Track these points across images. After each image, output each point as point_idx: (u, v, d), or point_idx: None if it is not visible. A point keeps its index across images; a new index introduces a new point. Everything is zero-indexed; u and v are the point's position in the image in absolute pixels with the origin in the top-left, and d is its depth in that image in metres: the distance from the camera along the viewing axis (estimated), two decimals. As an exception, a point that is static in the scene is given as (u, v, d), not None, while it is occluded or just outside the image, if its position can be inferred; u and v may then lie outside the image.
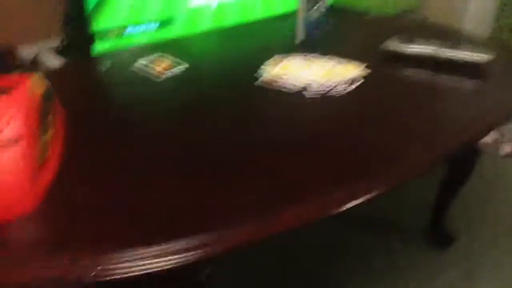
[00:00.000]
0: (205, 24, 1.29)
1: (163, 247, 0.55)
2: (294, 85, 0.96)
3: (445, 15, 1.98)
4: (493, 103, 0.97)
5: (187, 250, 0.55)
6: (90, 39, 1.11)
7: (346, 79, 0.98)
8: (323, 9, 1.14)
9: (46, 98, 0.70)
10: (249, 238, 0.59)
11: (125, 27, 1.14)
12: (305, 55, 1.09)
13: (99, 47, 1.12)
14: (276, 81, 0.98)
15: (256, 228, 0.60)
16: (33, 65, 1.33)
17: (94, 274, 0.52)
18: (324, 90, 0.94)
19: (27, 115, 0.61)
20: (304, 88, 0.95)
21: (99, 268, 0.52)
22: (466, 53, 1.06)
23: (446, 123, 0.89)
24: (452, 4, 2.02)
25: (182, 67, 1.05)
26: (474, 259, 1.34)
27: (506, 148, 1.87)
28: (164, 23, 1.20)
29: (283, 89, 0.96)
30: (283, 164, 0.72)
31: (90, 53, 1.13)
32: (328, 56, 1.08)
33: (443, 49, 1.07)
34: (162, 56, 1.09)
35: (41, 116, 0.66)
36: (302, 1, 1.13)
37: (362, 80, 0.99)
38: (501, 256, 1.35)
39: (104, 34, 1.11)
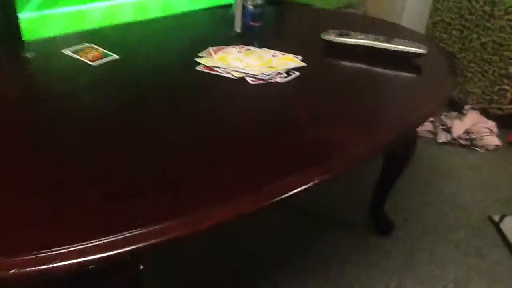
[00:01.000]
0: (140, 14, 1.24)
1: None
2: (232, 75, 0.94)
3: (384, 11, 2.04)
4: (426, 93, 1.00)
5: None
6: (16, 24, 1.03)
7: (283, 70, 0.97)
8: (261, 1, 1.13)
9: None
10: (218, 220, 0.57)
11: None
12: (241, 47, 1.07)
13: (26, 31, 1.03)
14: (214, 70, 0.96)
15: (217, 212, 0.58)
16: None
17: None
18: (261, 81, 0.93)
19: None
20: (242, 78, 0.94)
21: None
22: (401, 46, 1.08)
23: (384, 112, 0.91)
24: (391, 1, 2.09)
25: (114, 57, 1.00)
26: (412, 245, 1.39)
27: (441, 136, 1.95)
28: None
29: (224, 75, 0.94)
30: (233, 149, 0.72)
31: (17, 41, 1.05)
32: (265, 48, 1.07)
33: (380, 41, 1.09)
34: (91, 46, 1.04)
35: None
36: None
37: (299, 72, 0.98)
38: (437, 240, 1.42)
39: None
